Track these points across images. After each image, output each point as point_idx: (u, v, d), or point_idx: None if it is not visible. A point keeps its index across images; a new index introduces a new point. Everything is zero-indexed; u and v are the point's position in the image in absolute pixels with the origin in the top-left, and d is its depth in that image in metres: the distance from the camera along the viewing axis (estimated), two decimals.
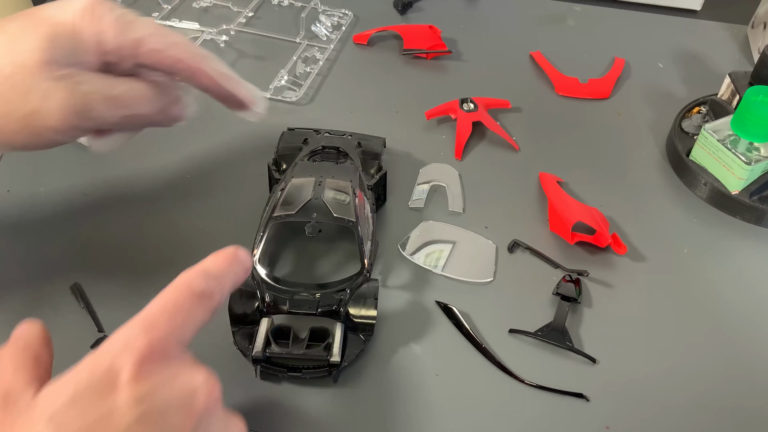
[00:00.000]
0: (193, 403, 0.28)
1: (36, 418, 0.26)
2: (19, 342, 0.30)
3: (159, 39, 0.37)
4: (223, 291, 0.32)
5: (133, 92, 0.37)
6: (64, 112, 0.35)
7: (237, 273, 0.33)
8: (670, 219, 0.53)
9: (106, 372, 0.27)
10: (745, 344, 0.45)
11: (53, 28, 0.35)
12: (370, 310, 0.41)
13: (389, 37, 0.70)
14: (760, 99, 0.51)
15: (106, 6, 0.36)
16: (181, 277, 0.31)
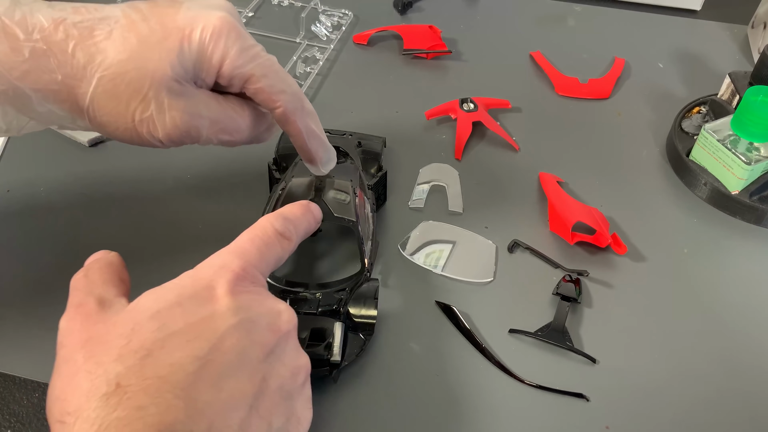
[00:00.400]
0: (279, 323, 0.32)
1: (139, 314, 0.28)
2: (101, 262, 0.33)
3: (269, 82, 0.38)
4: (298, 235, 0.36)
5: (239, 120, 0.39)
6: (174, 128, 0.36)
7: (309, 221, 0.37)
8: (670, 219, 0.53)
9: (205, 285, 0.30)
10: (746, 344, 0.45)
11: (185, 43, 0.35)
12: (371, 310, 0.41)
13: (389, 37, 0.70)
14: (760, 99, 0.51)
15: (237, 32, 0.37)
16: (265, 218, 0.35)
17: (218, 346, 0.28)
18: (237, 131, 0.39)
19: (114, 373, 0.26)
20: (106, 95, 0.34)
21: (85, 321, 0.30)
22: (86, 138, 0.56)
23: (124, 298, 0.31)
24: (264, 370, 0.30)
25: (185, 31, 0.35)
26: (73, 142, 0.57)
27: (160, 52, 0.34)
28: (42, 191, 0.53)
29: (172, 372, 0.27)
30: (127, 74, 0.34)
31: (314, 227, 0.37)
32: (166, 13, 0.36)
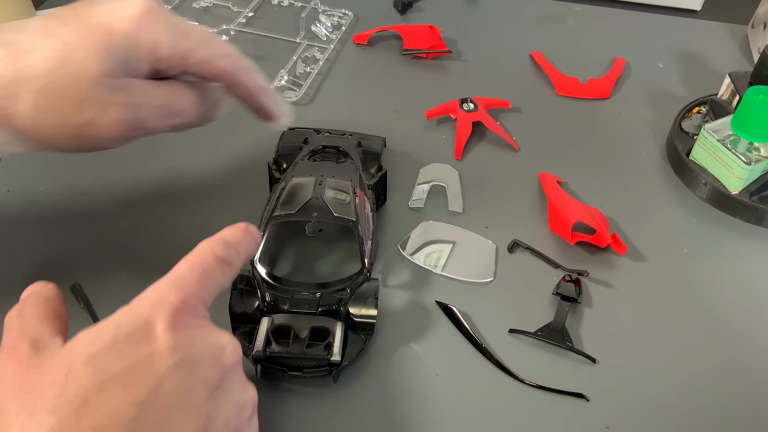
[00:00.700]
0: (222, 357, 0.30)
1: (73, 359, 0.27)
2: (37, 297, 0.31)
3: (209, 50, 0.37)
4: (240, 260, 0.34)
5: (183, 101, 0.37)
6: (118, 124, 0.35)
7: (250, 244, 0.35)
8: (670, 219, 0.53)
9: (143, 323, 0.28)
10: (746, 344, 0.45)
11: (110, 37, 0.34)
12: (371, 310, 0.41)
13: (389, 37, 0.70)
14: (760, 99, 0.51)
15: (161, 14, 0.35)
16: (204, 244, 0.33)
17: (158, 389, 0.27)
18: (183, 113, 0.37)
19: (48, 426, 0.25)
20: (43, 109, 0.33)
21: (17, 367, 0.27)
22: None
23: (60, 338, 0.29)
24: (208, 409, 0.28)
25: (108, 24, 0.34)
26: None
27: (86, 52, 0.33)
28: (42, 191, 0.53)
29: (111, 421, 0.25)
30: (59, 82, 0.33)
31: (255, 250, 0.35)
32: (83, 13, 0.35)
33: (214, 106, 0.40)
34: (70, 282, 0.46)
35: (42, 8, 0.70)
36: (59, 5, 0.35)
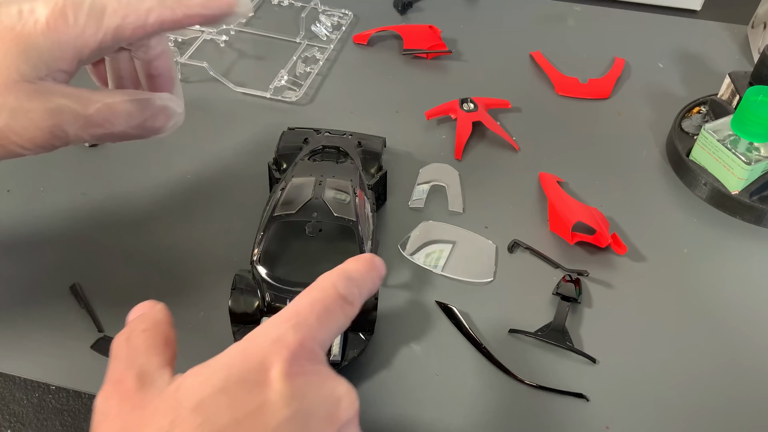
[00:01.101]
0: (338, 412, 0.28)
1: (181, 404, 0.25)
2: (146, 321, 0.30)
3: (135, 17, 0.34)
4: (362, 298, 0.30)
5: (108, 111, 0.35)
6: (34, 131, 0.33)
7: (374, 280, 0.31)
8: (670, 219, 0.53)
9: (257, 366, 0.26)
10: (746, 344, 0.45)
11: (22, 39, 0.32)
12: (371, 310, 0.41)
13: (389, 37, 0.70)
14: (760, 99, 0.51)
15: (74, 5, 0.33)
16: (327, 278, 0.30)
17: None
18: (112, 121, 0.35)
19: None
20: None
21: (121, 403, 0.27)
22: None
23: (169, 369, 0.28)
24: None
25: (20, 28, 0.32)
26: None
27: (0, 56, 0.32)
28: (42, 191, 0.53)
29: None
30: None
31: (378, 285, 0.32)
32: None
33: (156, 118, 0.37)
34: (70, 282, 0.46)
35: None
36: None
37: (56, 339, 0.43)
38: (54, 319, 0.44)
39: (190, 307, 0.45)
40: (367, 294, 0.31)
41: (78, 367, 0.41)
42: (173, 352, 0.29)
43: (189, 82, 0.64)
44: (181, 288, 0.46)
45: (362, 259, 0.31)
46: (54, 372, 0.41)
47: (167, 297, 0.45)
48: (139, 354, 0.28)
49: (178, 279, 0.47)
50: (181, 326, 0.44)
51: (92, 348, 0.42)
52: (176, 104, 0.38)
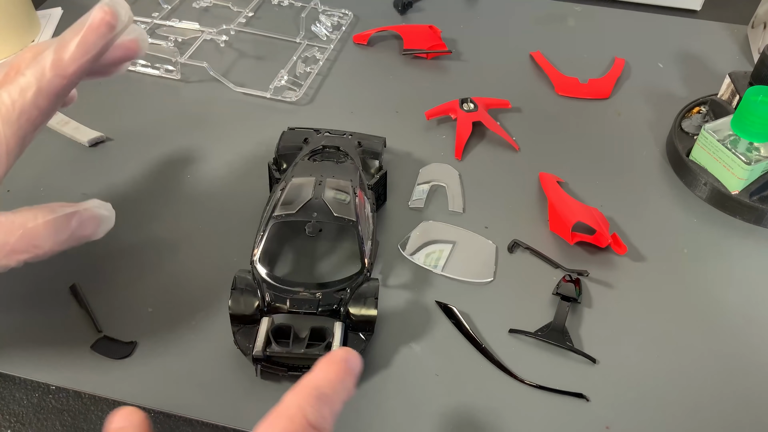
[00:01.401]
0: None
1: None
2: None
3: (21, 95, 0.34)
4: (334, 416, 0.27)
5: (31, 235, 0.34)
6: None
7: (348, 388, 0.28)
8: (670, 219, 0.53)
9: None
10: (745, 344, 0.45)
11: None
12: (371, 310, 0.41)
13: (389, 37, 0.70)
14: (760, 99, 0.51)
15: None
16: (293, 402, 0.27)
17: None
18: (34, 246, 0.34)
19: None
20: None
21: None
22: (86, 138, 0.56)
23: None
24: None
25: None
26: (73, 142, 0.57)
27: None
28: (42, 191, 0.53)
29: None
30: None
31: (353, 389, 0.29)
32: None
33: (85, 227, 0.37)
34: (70, 282, 0.46)
35: (42, 8, 0.70)
36: (59, 6, 0.35)
37: (56, 339, 0.43)
38: (54, 319, 0.44)
39: (190, 307, 0.45)
40: (340, 405, 0.28)
41: (78, 367, 0.41)
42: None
43: (189, 82, 0.64)
44: (181, 288, 0.46)
45: (334, 365, 0.28)
46: (54, 372, 0.41)
47: (167, 297, 0.46)
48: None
49: (178, 279, 0.47)
50: (181, 326, 0.44)
51: (92, 348, 0.42)
52: (105, 208, 0.38)
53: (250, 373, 0.41)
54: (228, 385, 0.41)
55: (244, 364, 0.41)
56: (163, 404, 0.40)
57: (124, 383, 0.41)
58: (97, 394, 0.41)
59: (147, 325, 0.44)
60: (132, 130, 0.58)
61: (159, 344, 0.43)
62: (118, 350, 0.42)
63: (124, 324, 0.44)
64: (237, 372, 0.41)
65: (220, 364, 0.42)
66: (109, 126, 0.58)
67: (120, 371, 0.41)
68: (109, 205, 0.38)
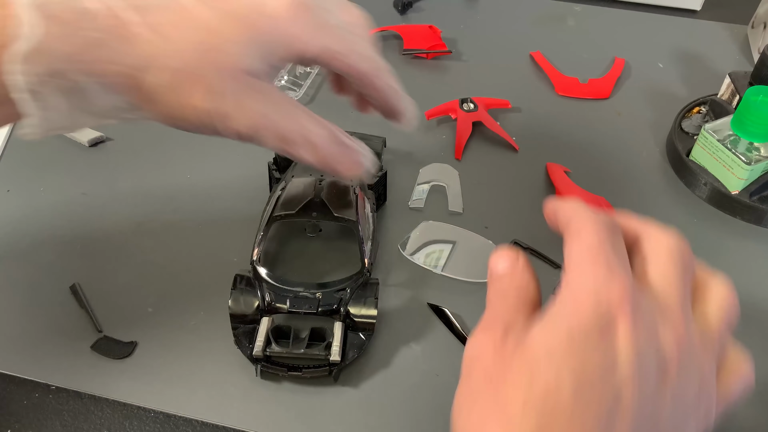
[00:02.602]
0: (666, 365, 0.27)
1: (534, 352, 0.26)
2: (520, 280, 0.30)
3: (344, 46, 0.35)
4: None
5: (304, 138, 0.34)
6: (247, 127, 0.32)
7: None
8: (670, 219, 0.53)
9: (602, 316, 0.26)
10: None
11: (256, 31, 0.31)
12: (371, 310, 0.41)
13: (389, 37, 0.70)
14: (760, 99, 0.51)
15: (306, 7, 0.33)
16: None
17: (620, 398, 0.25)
18: (300, 148, 0.34)
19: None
20: (176, 90, 0.31)
21: (488, 352, 0.28)
22: (86, 138, 0.56)
23: (528, 326, 0.28)
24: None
25: (255, 16, 0.32)
26: (73, 142, 0.57)
27: (231, 43, 0.31)
28: (42, 191, 0.53)
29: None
30: (200, 69, 0.31)
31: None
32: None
33: (343, 165, 0.37)
34: (70, 282, 0.46)
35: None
36: None
37: (56, 339, 0.43)
38: (54, 319, 0.44)
39: (190, 307, 0.45)
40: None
41: (78, 367, 0.41)
42: (536, 307, 0.29)
43: None
44: (181, 288, 0.46)
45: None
46: (54, 372, 0.41)
47: (167, 297, 0.46)
48: (509, 308, 0.29)
49: (178, 279, 0.47)
50: (181, 326, 0.44)
51: (92, 348, 0.42)
52: (370, 162, 0.38)
53: (250, 373, 0.41)
54: (228, 385, 0.41)
55: (244, 364, 0.41)
56: (163, 404, 0.40)
57: (124, 383, 0.41)
58: (97, 394, 0.41)
59: (147, 325, 0.44)
60: (132, 130, 0.58)
61: (159, 344, 0.43)
62: (118, 350, 0.42)
63: (124, 324, 0.44)
64: (237, 372, 0.41)
65: (220, 364, 0.42)
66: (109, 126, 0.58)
67: (120, 371, 0.41)
68: (376, 160, 0.39)
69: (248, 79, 0.32)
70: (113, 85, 0.31)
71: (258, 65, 0.32)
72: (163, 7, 0.31)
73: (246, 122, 0.32)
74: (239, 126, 0.32)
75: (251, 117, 0.32)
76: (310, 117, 0.35)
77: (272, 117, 0.33)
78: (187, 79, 0.31)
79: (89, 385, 0.41)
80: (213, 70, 0.31)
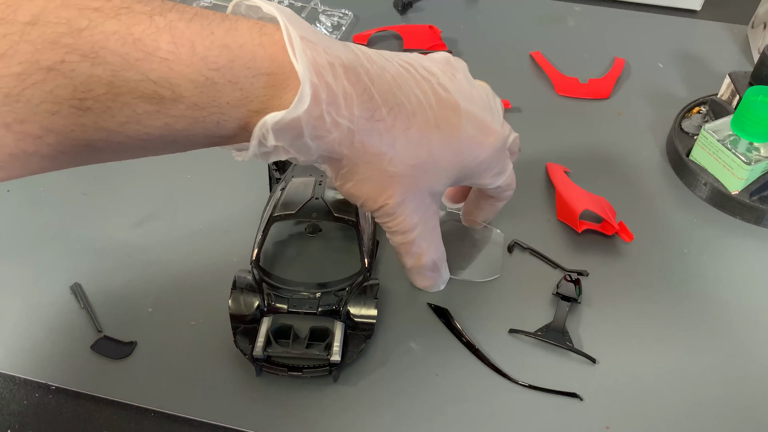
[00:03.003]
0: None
1: None
2: None
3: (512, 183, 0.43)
4: None
5: (420, 256, 0.41)
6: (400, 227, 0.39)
7: None
8: (670, 219, 0.53)
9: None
10: (745, 344, 0.45)
11: (466, 166, 0.37)
12: (371, 310, 0.41)
13: (389, 37, 0.70)
14: (760, 99, 0.51)
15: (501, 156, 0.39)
16: None
17: None
18: (414, 259, 0.41)
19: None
20: (375, 184, 0.35)
21: None
22: None
23: None
24: None
25: (464, 154, 0.35)
26: None
27: (439, 169, 0.34)
28: (42, 191, 0.53)
29: None
30: (406, 178, 0.34)
31: None
32: (451, 117, 0.35)
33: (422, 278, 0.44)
34: (70, 282, 0.46)
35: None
36: None
37: (56, 339, 0.43)
38: (54, 319, 0.44)
39: (190, 307, 0.45)
40: None
41: (78, 367, 0.42)
42: None
43: None
44: (181, 288, 0.46)
45: None
46: (54, 372, 0.41)
47: (167, 297, 0.46)
48: None
49: (178, 279, 0.47)
50: (181, 326, 0.44)
51: (92, 348, 0.42)
52: (442, 281, 0.44)
53: (250, 373, 0.41)
54: (228, 385, 0.41)
55: (244, 364, 0.41)
56: (163, 404, 0.40)
57: (124, 383, 0.41)
58: (97, 394, 0.41)
59: (147, 325, 0.44)
60: None
61: (159, 344, 0.43)
62: (118, 350, 0.42)
63: (124, 324, 0.44)
64: (237, 372, 0.41)
65: (220, 364, 0.42)
66: None
67: (120, 371, 0.41)
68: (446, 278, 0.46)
69: (435, 196, 0.37)
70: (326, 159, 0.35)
71: (446, 186, 0.37)
72: (400, 107, 0.34)
73: (405, 221, 0.37)
74: (398, 222, 0.37)
75: (412, 219, 0.37)
76: (437, 239, 0.41)
77: (419, 233, 0.38)
78: (388, 178, 0.35)
79: (89, 385, 0.41)
80: (418, 180, 0.35)
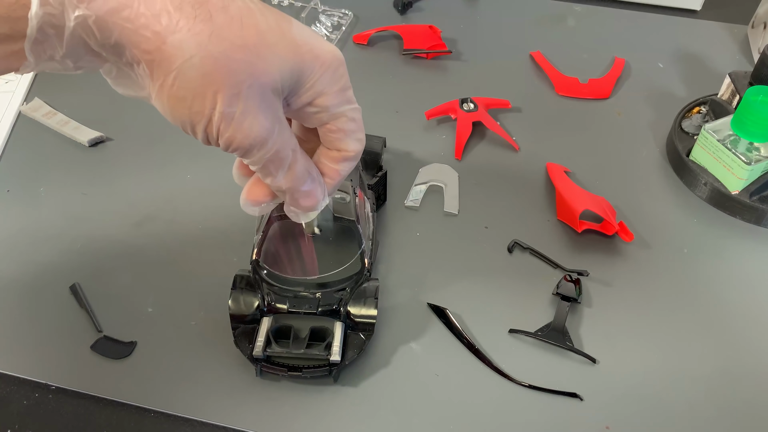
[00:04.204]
0: None
1: None
2: None
3: (352, 127, 0.36)
4: None
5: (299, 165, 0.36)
6: (245, 136, 0.33)
7: None
8: (670, 219, 0.53)
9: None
10: (745, 344, 0.45)
11: (297, 58, 0.33)
12: (371, 310, 0.41)
13: (389, 37, 0.70)
14: (760, 99, 0.51)
15: (342, 72, 0.35)
16: None
17: None
18: (273, 174, 0.36)
19: None
20: (199, 73, 0.31)
21: None
22: (86, 138, 0.56)
23: None
24: None
25: (301, 47, 0.33)
26: (73, 142, 0.57)
27: (273, 55, 0.32)
28: (42, 191, 0.53)
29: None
30: (235, 61, 0.31)
31: None
32: (281, 17, 0.33)
33: (302, 199, 0.37)
34: (70, 282, 0.46)
35: None
36: None
37: (56, 339, 0.43)
38: (54, 319, 0.44)
39: (190, 307, 0.45)
40: None
41: (78, 367, 0.42)
42: None
43: None
44: (181, 288, 0.46)
45: None
46: (54, 372, 0.41)
47: (167, 297, 0.46)
48: None
49: (178, 279, 0.47)
50: (181, 326, 0.44)
51: (92, 348, 0.42)
52: (322, 191, 0.38)
53: (250, 373, 0.41)
54: (228, 385, 0.41)
55: (244, 364, 0.41)
56: (163, 404, 0.40)
57: (124, 383, 0.41)
58: (97, 394, 0.41)
59: (147, 325, 0.44)
60: (132, 130, 0.58)
61: (159, 344, 0.43)
62: (118, 350, 0.42)
63: (124, 324, 0.44)
64: (237, 372, 0.41)
65: (220, 364, 0.42)
66: (109, 126, 0.58)
67: (120, 371, 0.41)
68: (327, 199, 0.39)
69: (270, 95, 0.33)
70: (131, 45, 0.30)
71: (282, 90, 0.33)
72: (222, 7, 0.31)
73: (248, 128, 0.32)
74: (238, 129, 0.32)
75: (254, 126, 0.32)
76: (297, 145, 0.35)
77: (270, 135, 0.33)
78: (214, 68, 0.31)
79: (89, 385, 0.41)
80: (246, 69, 0.31)
